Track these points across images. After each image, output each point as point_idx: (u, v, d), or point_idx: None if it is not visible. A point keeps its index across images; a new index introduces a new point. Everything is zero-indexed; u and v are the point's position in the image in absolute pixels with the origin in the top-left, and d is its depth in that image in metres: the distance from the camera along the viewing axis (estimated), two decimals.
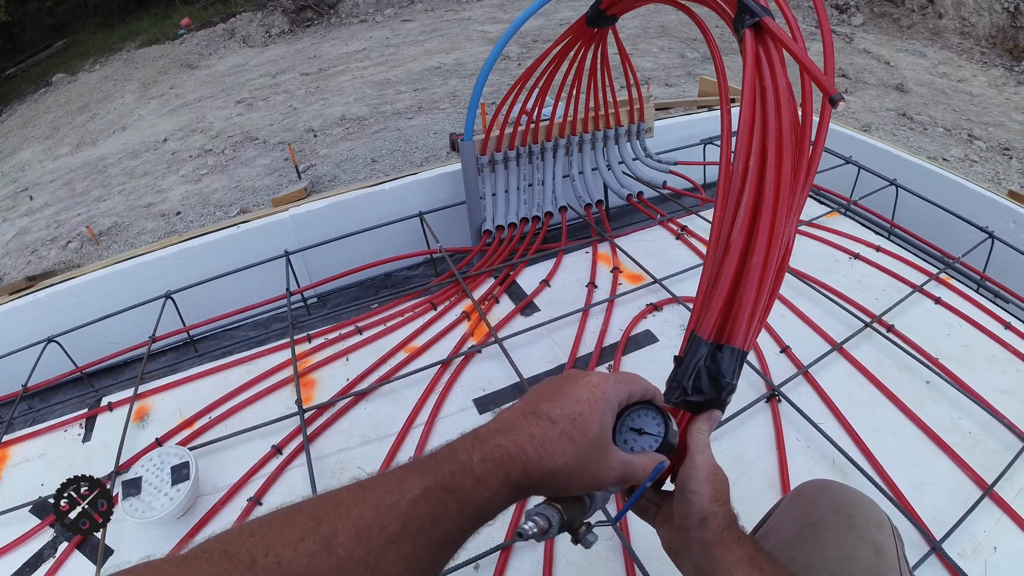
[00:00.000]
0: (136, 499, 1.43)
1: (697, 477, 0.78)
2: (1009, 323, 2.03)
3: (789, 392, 1.73)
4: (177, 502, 1.42)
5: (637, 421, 0.80)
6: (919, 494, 1.47)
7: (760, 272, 0.90)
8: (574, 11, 9.82)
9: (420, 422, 1.68)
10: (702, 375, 0.86)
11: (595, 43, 2.14)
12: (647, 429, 0.79)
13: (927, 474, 1.53)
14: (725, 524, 0.76)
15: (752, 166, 0.95)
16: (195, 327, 2.18)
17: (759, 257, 0.90)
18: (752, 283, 0.89)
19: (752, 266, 0.90)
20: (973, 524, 1.40)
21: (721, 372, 0.86)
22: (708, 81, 5.03)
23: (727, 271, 0.91)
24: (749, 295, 0.89)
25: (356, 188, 2.57)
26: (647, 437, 0.78)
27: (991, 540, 1.39)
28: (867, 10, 12.93)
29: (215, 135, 9.42)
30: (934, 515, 1.42)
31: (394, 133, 8.55)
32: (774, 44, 1.04)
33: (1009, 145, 8.15)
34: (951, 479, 1.52)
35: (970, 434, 1.63)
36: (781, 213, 0.92)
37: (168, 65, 14.12)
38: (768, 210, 0.92)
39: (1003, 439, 1.62)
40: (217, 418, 1.74)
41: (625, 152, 2.72)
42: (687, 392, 0.86)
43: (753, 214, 0.93)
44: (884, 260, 2.33)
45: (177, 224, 7.06)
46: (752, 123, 0.98)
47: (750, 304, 0.89)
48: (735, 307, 0.90)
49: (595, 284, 2.19)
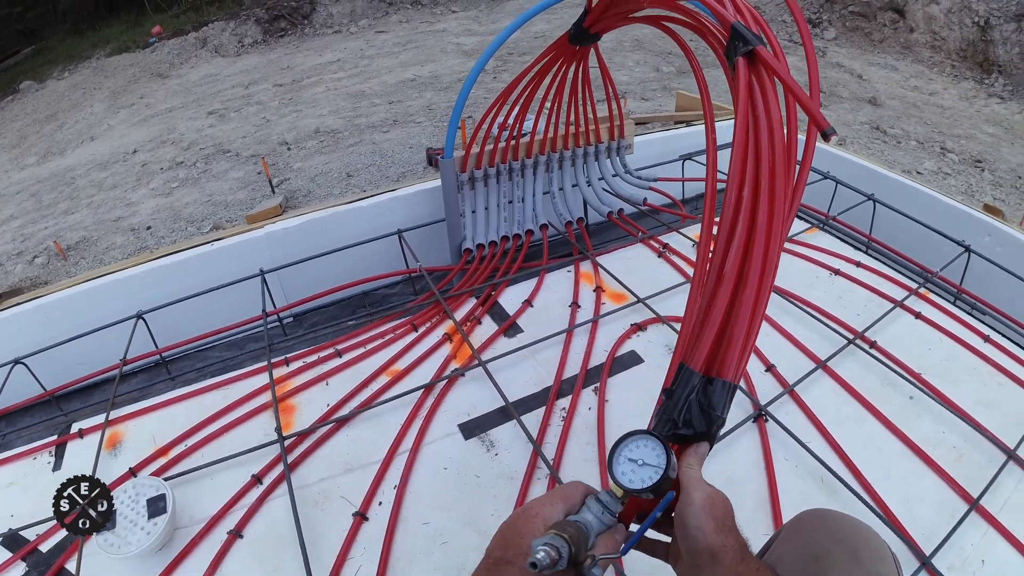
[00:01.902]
0: (111, 533, 1.37)
1: (695, 512, 0.76)
2: (988, 336, 2.06)
3: (775, 411, 1.72)
4: (154, 536, 1.36)
5: (636, 452, 0.79)
6: (907, 509, 1.48)
7: (752, 306, 0.89)
8: (549, 24, 9.81)
9: (404, 448, 1.64)
10: (693, 408, 0.85)
11: (576, 60, 2.12)
12: (647, 460, 0.78)
13: (914, 489, 1.54)
14: (738, 557, 0.74)
15: (745, 197, 0.94)
16: (168, 349, 2.12)
17: (751, 291, 0.89)
18: (744, 316, 0.89)
19: (745, 300, 0.89)
20: (961, 538, 1.42)
21: (712, 405, 0.85)
22: (685, 96, 5.05)
23: (719, 303, 0.90)
24: (741, 329, 0.89)
25: (333, 205, 2.53)
26: (647, 468, 0.78)
27: (979, 553, 1.40)
28: (839, 24, 13.12)
29: (186, 147, 9.30)
30: (922, 530, 1.42)
31: (369, 147, 8.49)
32: (767, 73, 1.02)
33: (981, 157, 8.29)
34: (938, 493, 1.53)
35: (955, 448, 1.65)
36: (774, 246, 0.91)
37: (138, 74, 13.93)
38: (761, 244, 0.91)
39: (987, 452, 1.64)
40: (193, 446, 1.68)
41: (605, 169, 2.71)
42: (678, 425, 0.85)
43: (746, 247, 0.92)
44: (864, 275, 2.34)
45: (147, 239, 6.94)
46: (745, 154, 0.97)
47: (742, 337, 0.88)
48: (727, 340, 0.89)
49: (578, 304, 2.17)
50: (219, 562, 1.37)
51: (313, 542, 1.39)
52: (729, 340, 0.89)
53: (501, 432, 1.68)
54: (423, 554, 1.38)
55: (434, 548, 1.39)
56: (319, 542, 1.41)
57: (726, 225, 0.95)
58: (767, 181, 0.94)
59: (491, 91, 9.92)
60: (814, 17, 13.27)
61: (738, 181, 0.96)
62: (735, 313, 0.89)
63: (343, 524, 1.44)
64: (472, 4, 16.17)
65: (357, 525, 1.44)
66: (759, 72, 1.03)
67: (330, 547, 1.39)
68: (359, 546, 1.40)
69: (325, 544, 1.40)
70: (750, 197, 0.94)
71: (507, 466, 1.58)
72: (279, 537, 1.42)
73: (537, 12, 2.13)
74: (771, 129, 0.97)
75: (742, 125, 0.98)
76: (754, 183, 0.95)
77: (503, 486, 1.53)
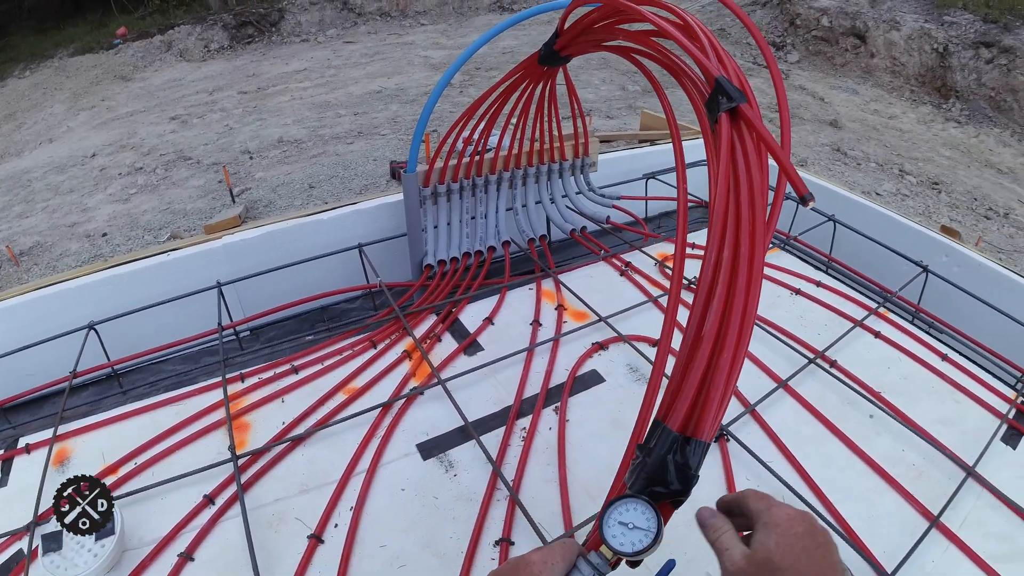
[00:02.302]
0: (57, 555, 1.32)
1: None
2: (946, 355, 2.10)
3: (737, 431, 1.72)
4: (102, 559, 1.31)
5: (626, 515, 0.81)
6: (868, 527, 1.48)
7: (729, 369, 0.91)
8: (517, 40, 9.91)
9: (361, 469, 1.59)
10: (670, 467, 0.87)
11: (544, 80, 2.12)
12: (637, 524, 0.80)
13: (875, 508, 1.55)
14: None
15: (725, 259, 0.95)
16: (120, 361, 2.06)
17: (728, 354, 0.91)
18: (721, 380, 0.90)
19: (722, 363, 0.90)
20: (922, 555, 1.43)
21: (689, 465, 0.87)
22: (650, 115, 5.10)
23: (699, 364, 0.91)
24: (717, 391, 0.90)
25: (293, 217, 2.49)
26: (638, 532, 0.79)
27: (940, 570, 1.41)
28: (802, 48, 13.42)
29: (146, 152, 9.15)
30: (884, 548, 1.43)
31: (333, 158, 8.44)
32: (748, 132, 1.03)
33: (938, 179, 8.51)
34: (898, 511, 1.54)
35: (914, 466, 1.67)
36: (751, 308, 0.93)
37: (101, 75, 13.70)
38: (739, 307, 0.92)
39: (946, 469, 1.66)
40: (144, 464, 1.62)
41: (569, 186, 2.71)
42: (655, 483, 0.87)
43: (725, 309, 0.93)
44: (824, 295, 2.37)
45: (103, 247, 6.80)
46: (725, 217, 0.98)
47: (718, 399, 0.90)
48: (704, 401, 0.90)
49: (539, 322, 2.15)
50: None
51: (267, 565, 1.34)
52: (706, 402, 0.90)
53: (460, 452, 1.65)
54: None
55: (391, 572, 1.36)
56: (273, 566, 1.36)
57: (705, 285, 0.96)
58: (747, 245, 0.95)
59: (457, 105, 9.94)
60: (778, 40, 13.56)
61: (718, 243, 0.97)
62: (714, 377, 0.90)
63: (298, 547, 1.39)
64: (441, 18, 16.22)
65: (312, 548, 1.39)
66: (740, 131, 1.04)
67: (285, 571, 1.34)
68: (314, 570, 1.36)
69: (279, 568, 1.36)
70: (729, 259, 0.95)
71: (466, 487, 1.55)
72: (232, 560, 1.37)
73: (504, 28, 2.12)
74: (751, 191, 0.98)
75: (723, 185, 0.99)
76: (734, 245, 0.96)
77: (462, 508, 1.50)
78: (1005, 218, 8.04)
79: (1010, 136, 10.42)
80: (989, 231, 7.66)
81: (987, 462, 1.69)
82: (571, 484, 1.55)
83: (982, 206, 8.20)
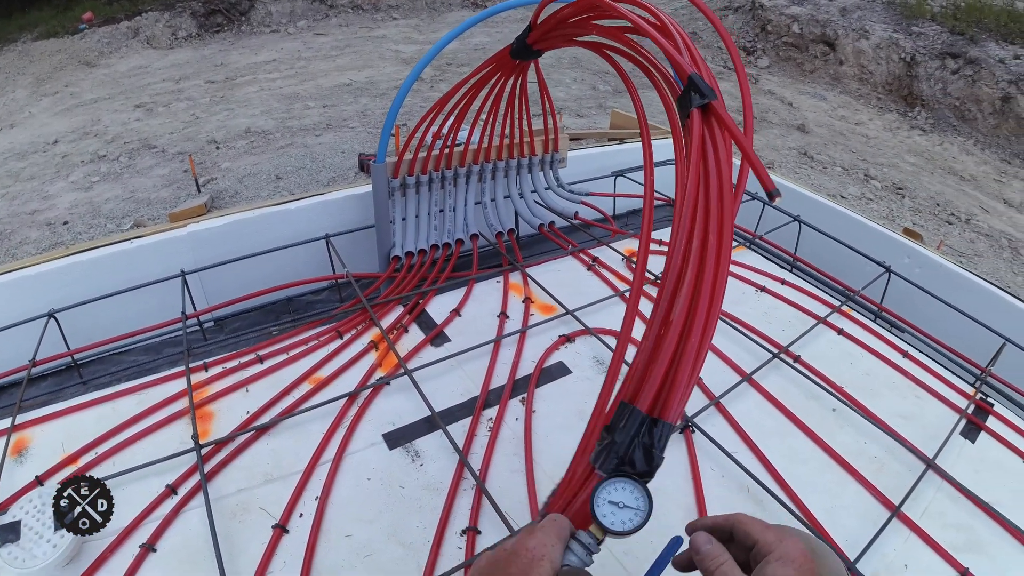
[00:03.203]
0: (15, 546, 1.28)
1: None
2: (907, 352, 2.16)
3: (702, 423, 1.74)
4: (61, 549, 1.27)
5: (616, 495, 0.83)
6: (831, 518, 1.51)
7: (696, 354, 0.92)
8: (490, 37, 9.92)
9: (327, 459, 1.58)
10: (637, 449, 0.89)
11: (516, 74, 2.12)
12: (627, 503, 0.82)
13: (838, 499, 1.58)
14: None
15: (694, 250, 0.97)
16: (80, 350, 2.01)
17: (695, 340, 0.93)
18: (688, 364, 0.92)
19: (689, 348, 0.92)
20: (884, 544, 1.47)
21: (655, 446, 0.89)
22: (620, 114, 5.12)
23: (666, 349, 0.93)
24: (684, 375, 0.91)
25: (260, 206, 2.45)
26: (628, 510, 0.82)
27: (902, 558, 1.45)
28: (772, 53, 13.59)
29: (110, 140, 8.97)
30: (847, 537, 1.46)
31: (301, 150, 8.35)
32: (720, 129, 1.05)
33: (902, 185, 8.69)
34: (861, 502, 1.58)
35: (876, 458, 1.71)
36: (718, 298, 0.95)
37: (65, 61, 13.40)
38: (707, 296, 0.94)
39: (907, 462, 1.71)
40: (104, 453, 1.58)
41: (538, 181, 2.71)
42: (622, 463, 0.88)
43: (692, 299, 0.95)
44: (789, 293, 2.40)
45: (64, 235, 6.66)
46: (695, 211, 1.00)
47: (685, 382, 0.91)
48: (671, 385, 0.92)
49: (507, 314, 2.15)
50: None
51: (231, 556, 1.32)
52: (673, 385, 0.92)
53: (427, 442, 1.64)
54: (346, 568, 1.33)
55: (357, 562, 1.35)
56: (237, 556, 1.34)
57: (674, 275, 0.98)
58: (715, 238, 0.97)
59: (427, 100, 9.91)
60: (748, 45, 13.72)
61: (687, 237, 0.99)
62: (681, 361, 0.92)
63: (262, 537, 1.38)
64: (413, 12, 16.14)
65: (277, 538, 1.37)
66: (712, 128, 1.05)
67: (249, 561, 1.32)
68: (279, 560, 1.34)
69: (243, 558, 1.33)
70: (698, 250, 0.97)
71: (433, 477, 1.55)
72: (195, 551, 1.35)
73: (476, 23, 2.11)
74: (720, 186, 1.00)
75: (693, 180, 1.01)
76: (703, 237, 0.98)
77: (428, 497, 1.49)
78: (967, 224, 8.23)
79: (973, 145, 10.67)
80: (951, 236, 7.84)
81: (946, 455, 1.74)
82: (537, 474, 1.55)
83: (944, 211, 8.38)
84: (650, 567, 0.80)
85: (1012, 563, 1.50)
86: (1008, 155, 10.40)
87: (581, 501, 0.91)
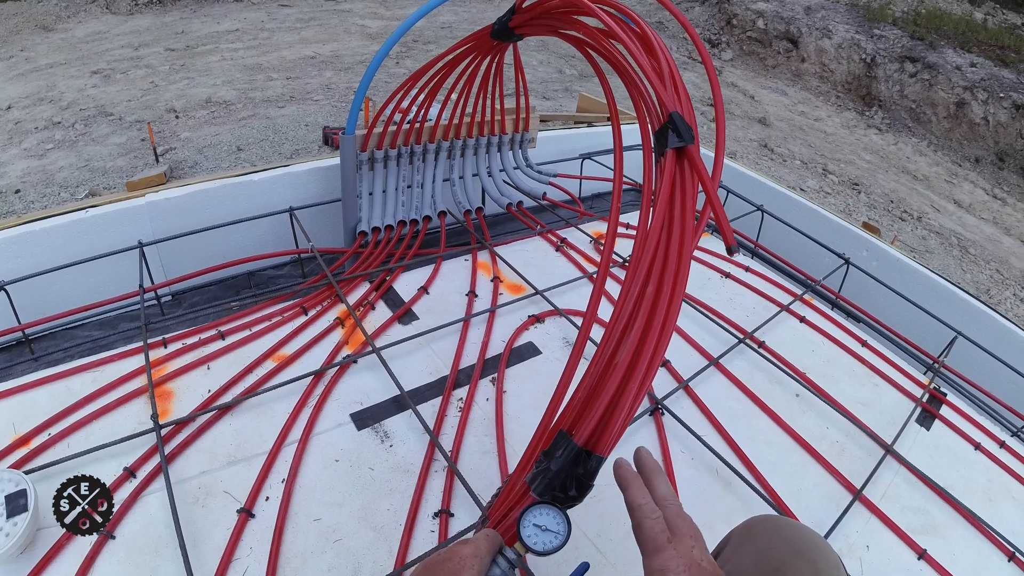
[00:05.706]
0: None
1: None
2: (865, 341, 2.24)
3: (671, 405, 1.76)
4: (15, 538, 1.20)
5: (540, 519, 0.90)
6: (796, 500, 1.55)
7: (635, 395, 0.95)
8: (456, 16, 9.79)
9: (293, 439, 1.53)
10: (570, 477, 0.94)
11: (493, 54, 2.09)
12: (549, 527, 0.89)
13: (802, 481, 1.63)
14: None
15: (648, 294, 0.98)
16: (32, 325, 1.90)
17: (636, 384, 0.94)
18: (626, 405, 0.95)
19: (629, 390, 0.94)
20: (847, 526, 1.52)
21: (587, 475, 0.94)
22: (587, 98, 5.12)
23: (609, 388, 0.95)
24: (621, 414, 0.94)
25: (222, 177, 2.37)
26: (549, 533, 0.88)
27: (863, 539, 1.51)
28: (736, 47, 13.71)
29: (65, 106, 8.65)
30: (811, 519, 1.51)
31: (263, 121, 8.16)
32: (691, 172, 1.06)
33: (858, 181, 8.87)
34: (824, 485, 1.63)
35: (837, 443, 1.77)
36: (665, 339, 0.97)
37: (21, 24, 12.84)
38: (653, 338, 0.95)
39: (866, 447, 1.77)
40: (58, 435, 1.49)
41: (507, 160, 2.69)
42: (555, 489, 0.93)
43: (641, 340, 0.96)
44: (752, 280, 2.45)
45: (15, 204, 6.40)
46: (656, 248, 1.02)
47: (621, 421, 0.94)
48: (608, 422, 0.95)
49: (475, 293, 2.13)
50: (89, 566, 1.22)
51: (194, 542, 1.27)
52: (609, 422, 0.94)
53: (396, 423, 1.61)
54: (315, 553, 1.30)
55: (327, 546, 1.31)
56: (201, 542, 1.28)
57: (625, 315, 0.99)
58: (671, 281, 0.98)
59: (393, 76, 9.78)
60: (713, 38, 13.82)
61: (644, 276, 1.00)
62: (619, 402, 0.94)
63: (227, 522, 1.32)
64: None
65: (243, 523, 1.32)
66: (683, 168, 1.07)
67: (213, 547, 1.27)
68: (245, 545, 1.29)
69: (208, 544, 1.28)
70: (653, 292, 0.98)
71: (403, 458, 1.52)
72: (156, 537, 1.29)
73: (444, 1, 2.07)
74: (684, 230, 1.01)
75: (659, 219, 1.03)
76: (659, 279, 0.99)
77: (399, 479, 1.47)
78: (918, 221, 8.43)
79: (927, 146, 10.94)
80: (904, 232, 8.03)
81: (903, 441, 1.81)
82: (509, 455, 1.54)
83: (898, 208, 8.58)
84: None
85: (965, 545, 1.57)
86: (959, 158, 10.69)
87: (513, 519, 0.94)
